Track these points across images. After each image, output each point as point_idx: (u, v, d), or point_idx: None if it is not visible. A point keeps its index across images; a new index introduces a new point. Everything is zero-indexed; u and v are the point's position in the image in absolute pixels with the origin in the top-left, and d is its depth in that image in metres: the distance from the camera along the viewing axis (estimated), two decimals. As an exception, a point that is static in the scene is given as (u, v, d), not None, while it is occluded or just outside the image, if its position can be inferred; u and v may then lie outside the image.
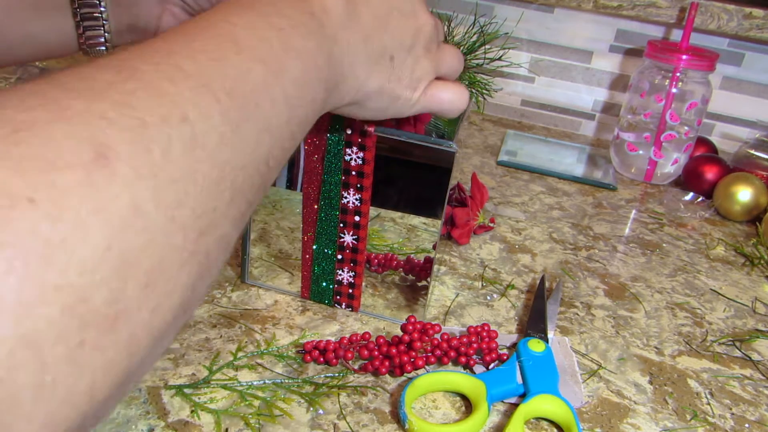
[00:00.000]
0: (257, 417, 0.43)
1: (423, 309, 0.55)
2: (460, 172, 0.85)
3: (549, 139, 1.08)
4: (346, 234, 0.53)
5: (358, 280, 0.55)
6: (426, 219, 0.52)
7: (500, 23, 1.10)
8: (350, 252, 0.53)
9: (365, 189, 0.51)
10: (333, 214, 0.52)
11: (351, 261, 0.54)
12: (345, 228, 0.52)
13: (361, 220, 0.52)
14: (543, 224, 0.78)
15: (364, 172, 0.50)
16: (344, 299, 0.56)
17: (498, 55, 0.64)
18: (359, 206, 0.51)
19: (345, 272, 0.54)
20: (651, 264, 0.72)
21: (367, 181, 0.50)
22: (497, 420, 0.46)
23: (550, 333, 0.55)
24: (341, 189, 0.51)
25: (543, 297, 0.59)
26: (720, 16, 0.98)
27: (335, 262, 0.54)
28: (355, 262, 0.54)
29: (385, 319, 0.56)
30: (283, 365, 0.49)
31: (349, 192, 0.51)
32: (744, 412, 0.50)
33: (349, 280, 0.55)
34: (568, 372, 0.51)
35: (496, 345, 0.51)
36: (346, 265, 0.54)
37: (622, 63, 1.09)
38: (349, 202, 0.51)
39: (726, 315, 0.64)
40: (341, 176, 0.51)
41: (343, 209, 0.52)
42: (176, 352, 0.48)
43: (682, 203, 0.88)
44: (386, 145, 0.49)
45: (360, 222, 0.52)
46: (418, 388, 0.47)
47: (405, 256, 0.54)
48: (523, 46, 1.12)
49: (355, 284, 0.55)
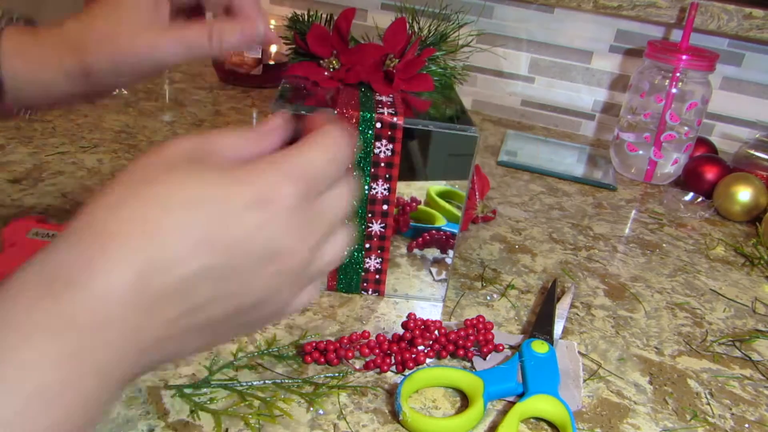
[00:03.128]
0: (257, 417, 0.43)
1: (443, 285, 0.58)
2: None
3: (549, 140, 1.08)
4: (374, 223, 0.55)
5: (384, 265, 0.57)
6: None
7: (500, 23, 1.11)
8: (378, 240, 0.55)
9: (393, 179, 0.53)
10: (362, 207, 0.54)
11: (378, 248, 0.56)
12: (373, 218, 0.54)
13: (388, 208, 0.54)
14: (543, 224, 0.78)
15: (393, 163, 0.52)
16: (371, 285, 0.58)
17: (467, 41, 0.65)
18: (387, 195, 0.53)
19: (372, 259, 0.56)
20: (651, 264, 0.72)
21: (395, 171, 0.52)
22: (494, 418, 0.46)
23: (556, 336, 0.55)
24: (371, 181, 0.53)
25: (553, 300, 0.59)
26: (720, 16, 0.98)
27: (363, 251, 0.56)
28: (382, 248, 0.56)
29: (413, 298, 0.58)
30: (283, 365, 0.49)
31: (377, 183, 0.53)
32: (744, 412, 0.50)
33: (376, 267, 0.57)
34: (570, 375, 0.51)
35: (492, 336, 0.52)
36: (373, 252, 0.56)
37: (622, 63, 1.09)
38: (378, 193, 0.53)
39: (726, 315, 0.64)
40: (370, 169, 0.52)
41: (371, 200, 0.54)
42: (176, 352, 0.48)
43: (682, 203, 0.88)
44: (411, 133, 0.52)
45: (387, 210, 0.54)
46: (415, 381, 0.47)
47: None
48: (523, 46, 1.12)
49: (381, 270, 0.57)
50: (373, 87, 0.57)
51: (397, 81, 0.57)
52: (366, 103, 0.53)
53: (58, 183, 0.70)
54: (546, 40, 1.11)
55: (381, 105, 0.53)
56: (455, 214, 0.55)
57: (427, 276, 0.58)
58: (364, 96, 0.55)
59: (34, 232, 0.55)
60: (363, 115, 0.50)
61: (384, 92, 0.56)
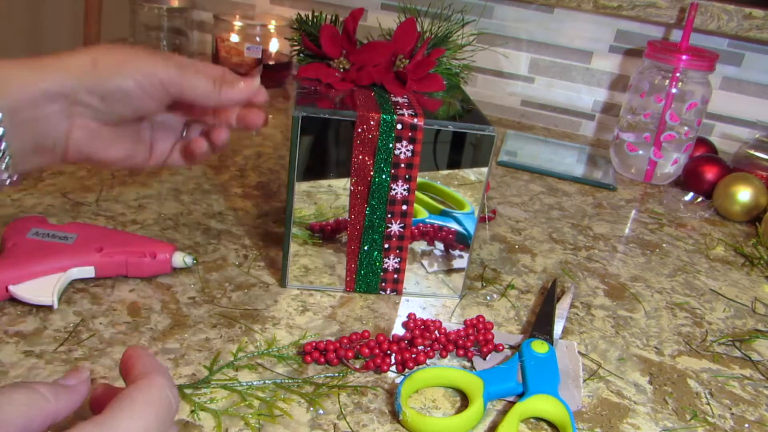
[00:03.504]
0: (257, 417, 0.43)
1: (462, 280, 0.59)
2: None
3: (549, 140, 1.08)
4: (393, 224, 0.55)
5: (402, 264, 0.57)
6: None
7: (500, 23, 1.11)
8: (397, 240, 0.55)
9: (413, 179, 0.53)
10: (381, 208, 0.54)
11: (397, 248, 0.56)
12: (393, 218, 0.54)
13: (408, 208, 0.54)
14: (543, 224, 0.78)
15: (413, 164, 0.52)
16: (389, 285, 0.58)
17: (469, 41, 0.66)
18: (407, 196, 0.54)
19: (391, 259, 0.56)
20: (651, 264, 0.72)
21: (414, 171, 0.53)
22: (494, 418, 0.46)
23: (556, 336, 0.55)
24: (390, 182, 0.53)
25: (553, 300, 0.59)
26: (720, 16, 0.98)
27: (383, 251, 0.56)
28: (401, 248, 0.56)
29: (429, 296, 0.59)
30: (283, 365, 0.49)
31: (397, 184, 0.53)
32: (744, 412, 0.50)
33: (395, 266, 0.57)
34: (570, 376, 0.51)
35: (492, 336, 0.52)
36: (392, 252, 0.56)
37: (622, 63, 1.09)
38: (398, 194, 0.53)
39: (726, 315, 0.64)
40: (391, 170, 0.52)
41: (391, 201, 0.54)
42: (176, 352, 0.48)
43: (682, 203, 0.88)
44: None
45: (407, 210, 0.54)
46: (415, 381, 0.47)
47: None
48: (523, 46, 1.12)
49: (400, 269, 0.57)
50: (386, 88, 0.57)
51: (409, 82, 0.57)
52: (384, 104, 0.53)
53: (58, 183, 0.70)
54: (546, 40, 1.11)
55: (399, 106, 0.53)
56: (436, 206, 0.56)
57: (420, 269, 0.58)
58: (380, 97, 0.55)
59: (34, 232, 0.55)
60: (384, 118, 0.51)
61: (398, 93, 0.56)
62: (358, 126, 0.51)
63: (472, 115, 0.55)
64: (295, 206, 0.54)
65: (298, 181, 0.53)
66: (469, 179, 0.55)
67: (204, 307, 0.54)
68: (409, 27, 0.59)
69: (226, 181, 0.76)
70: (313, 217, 0.55)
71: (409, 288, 0.59)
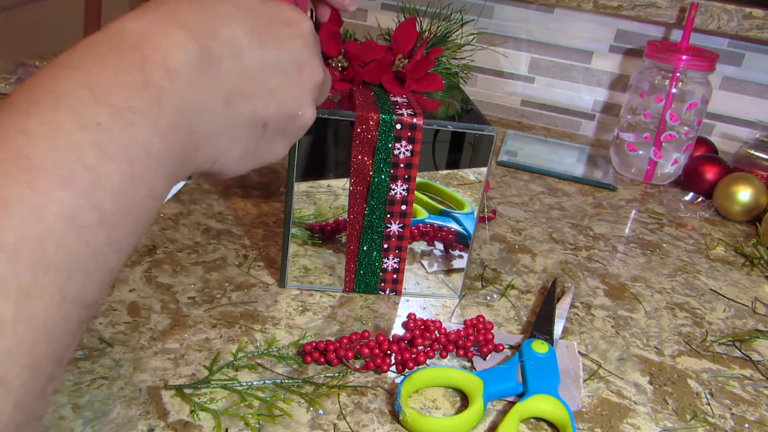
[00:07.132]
0: (257, 417, 0.43)
1: (462, 280, 0.59)
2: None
3: (549, 140, 1.08)
4: (392, 224, 0.55)
5: (402, 264, 0.57)
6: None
7: (500, 23, 1.11)
8: (396, 240, 0.55)
9: (412, 179, 0.53)
10: (381, 208, 0.54)
11: (397, 248, 0.56)
12: (392, 218, 0.54)
13: (407, 208, 0.54)
14: (543, 224, 0.78)
15: (412, 164, 0.52)
16: (389, 285, 0.58)
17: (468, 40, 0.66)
18: (406, 196, 0.53)
19: (390, 259, 0.56)
20: (651, 264, 0.72)
21: (414, 171, 0.52)
22: (494, 418, 0.46)
23: (556, 336, 0.55)
24: (389, 182, 0.53)
25: (553, 300, 0.59)
26: (720, 16, 0.98)
27: (382, 251, 0.56)
28: (400, 248, 0.56)
29: (429, 296, 0.59)
30: (283, 365, 0.49)
31: (396, 184, 0.53)
32: (744, 412, 0.50)
33: (394, 266, 0.57)
34: (571, 376, 0.51)
35: (492, 336, 0.52)
36: (391, 252, 0.56)
37: (622, 63, 1.09)
38: (397, 194, 0.53)
39: (726, 315, 0.64)
40: (390, 170, 0.52)
41: (390, 201, 0.54)
42: (176, 352, 0.48)
43: (682, 203, 0.88)
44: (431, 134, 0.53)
45: (406, 210, 0.54)
46: (415, 381, 0.47)
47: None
48: (523, 45, 1.12)
49: (399, 269, 0.57)
50: (385, 87, 0.57)
51: (408, 81, 0.57)
52: (383, 104, 0.53)
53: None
54: (546, 40, 1.11)
55: (398, 106, 0.53)
56: (436, 206, 0.55)
57: (420, 269, 0.58)
58: (379, 97, 0.55)
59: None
60: (383, 118, 0.50)
61: (397, 93, 0.56)
62: (357, 126, 0.51)
63: (471, 115, 0.55)
64: (294, 206, 0.54)
65: (297, 181, 0.53)
66: (468, 179, 0.55)
67: (204, 307, 0.54)
68: (408, 27, 0.59)
69: (226, 181, 0.76)
70: (313, 217, 0.55)
71: (409, 288, 0.59)
